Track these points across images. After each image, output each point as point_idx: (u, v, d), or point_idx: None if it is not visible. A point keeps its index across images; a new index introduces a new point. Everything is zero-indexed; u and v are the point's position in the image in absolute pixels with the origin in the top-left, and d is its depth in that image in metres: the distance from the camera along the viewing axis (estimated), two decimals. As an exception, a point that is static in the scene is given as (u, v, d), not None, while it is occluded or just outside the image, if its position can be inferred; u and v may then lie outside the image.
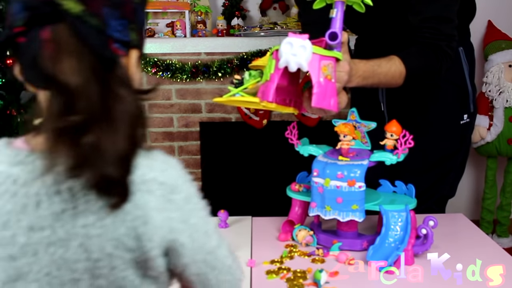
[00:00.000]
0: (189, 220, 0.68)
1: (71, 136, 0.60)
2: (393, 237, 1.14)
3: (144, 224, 0.64)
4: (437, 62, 1.29)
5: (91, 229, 0.64)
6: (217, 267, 0.72)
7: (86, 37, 0.61)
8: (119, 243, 0.64)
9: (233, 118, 2.68)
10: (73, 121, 0.59)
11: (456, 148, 1.57)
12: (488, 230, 2.69)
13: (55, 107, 0.60)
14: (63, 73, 0.59)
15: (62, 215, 0.63)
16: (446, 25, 1.30)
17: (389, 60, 1.26)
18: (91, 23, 0.61)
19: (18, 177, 0.64)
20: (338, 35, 1.04)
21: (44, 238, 0.64)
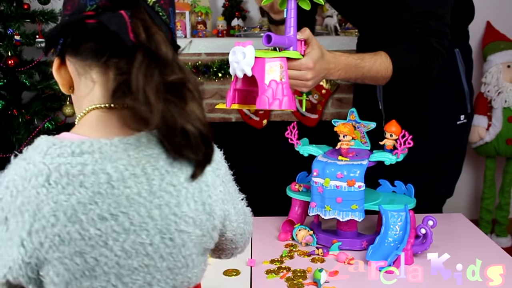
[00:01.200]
0: (229, 190, 0.75)
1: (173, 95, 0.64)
2: (392, 236, 1.15)
3: (209, 197, 0.69)
4: (426, 58, 1.30)
5: (165, 208, 0.65)
6: (248, 221, 0.82)
7: (158, 23, 0.67)
8: (190, 219, 0.67)
9: (233, 118, 2.69)
10: (176, 78, 0.64)
11: (452, 148, 1.58)
12: (487, 229, 2.70)
13: (153, 71, 0.63)
14: (158, 45, 0.64)
15: (136, 198, 0.63)
16: (436, 21, 1.31)
17: (374, 54, 1.27)
18: (161, 13, 0.68)
19: (84, 167, 0.62)
20: (272, 37, 1.06)
21: (115, 225, 0.62)
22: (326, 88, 2.61)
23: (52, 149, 0.63)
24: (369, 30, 1.60)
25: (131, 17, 0.63)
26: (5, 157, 2.30)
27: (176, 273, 0.68)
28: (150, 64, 0.63)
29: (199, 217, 0.68)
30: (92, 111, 0.68)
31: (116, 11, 0.63)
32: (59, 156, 0.62)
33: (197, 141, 0.64)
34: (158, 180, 0.65)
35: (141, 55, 0.63)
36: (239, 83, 1.14)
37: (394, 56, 1.27)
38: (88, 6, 0.65)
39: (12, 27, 2.29)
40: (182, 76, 0.65)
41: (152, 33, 0.64)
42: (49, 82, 2.32)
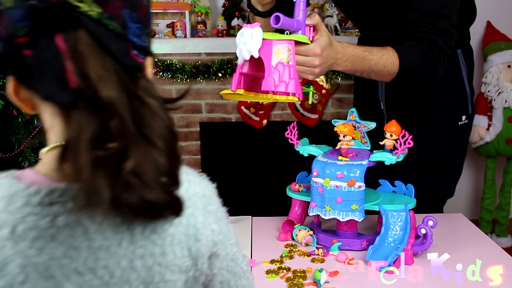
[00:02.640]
0: (223, 229, 0.67)
1: (111, 164, 0.52)
2: (392, 236, 1.15)
3: (197, 241, 0.62)
4: (433, 57, 1.29)
5: (149, 259, 0.59)
6: (238, 272, 0.71)
7: (108, 43, 0.53)
8: (176, 266, 0.61)
9: (233, 118, 2.69)
10: (112, 148, 0.52)
11: (454, 148, 1.57)
12: (487, 229, 2.70)
13: (89, 132, 0.51)
14: (97, 88, 0.51)
15: (117, 250, 0.57)
16: (443, 21, 1.30)
17: (382, 48, 1.26)
18: (111, 26, 0.53)
19: (55, 218, 0.55)
20: (281, 18, 1.03)
21: (95, 279, 0.56)
22: (326, 88, 2.61)
23: (17, 197, 0.55)
24: (370, 30, 1.60)
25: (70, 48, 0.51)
26: (5, 157, 2.30)
27: None
28: (88, 118, 0.51)
29: (185, 264, 0.61)
30: (55, 149, 0.57)
31: (52, 37, 0.52)
32: (26, 204, 0.55)
33: (142, 211, 0.54)
34: (140, 229, 0.58)
35: (81, 106, 0.52)
36: (245, 67, 1.10)
37: (401, 52, 1.26)
38: (19, 30, 0.52)
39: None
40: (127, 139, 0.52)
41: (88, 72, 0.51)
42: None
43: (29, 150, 2.27)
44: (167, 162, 0.56)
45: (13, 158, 2.30)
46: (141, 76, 0.57)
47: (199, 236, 0.62)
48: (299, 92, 1.06)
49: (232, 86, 1.11)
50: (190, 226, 0.62)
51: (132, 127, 0.53)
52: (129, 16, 0.55)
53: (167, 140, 0.56)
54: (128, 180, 0.52)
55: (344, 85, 2.60)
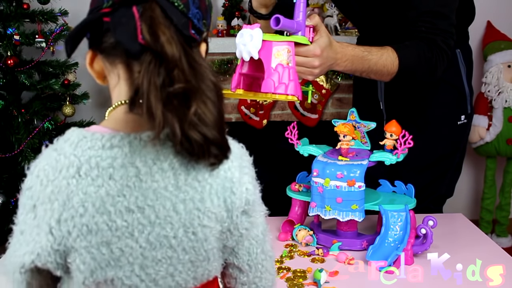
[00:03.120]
0: (256, 194, 0.73)
1: (178, 104, 0.61)
2: (392, 237, 1.14)
3: (232, 194, 0.68)
4: (432, 56, 1.29)
5: (190, 203, 0.66)
6: (265, 251, 0.75)
7: (171, 15, 0.63)
8: (213, 214, 0.67)
9: (233, 118, 2.69)
10: (179, 88, 0.61)
11: (453, 148, 1.58)
12: (487, 230, 2.70)
13: (157, 77, 0.61)
14: (163, 45, 0.61)
15: (162, 192, 0.65)
16: (442, 21, 1.30)
17: (381, 48, 1.26)
18: (176, 4, 0.65)
19: (114, 160, 0.64)
20: (281, 20, 1.03)
21: (141, 218, 0.64)
22: (326, 88, 2.61)
23: (83, 141, 0.65)
24: (370, 30, 1.60)
25: (142, 14, 0.62)
26: (5, 157, 2.30)
27: (197, 265, 0.69)
28: (155, 67, 0.61)
29: (220, 213, 0.68)
30: (120, 106, 0.68)
31: (129, 7, 0.63)
32: (90, 148, 0.64)
33: (201, 148, 0.63)
34: (184, 175, 0.66)
35: (147, 58, 0.62)
36: (245, 68, 1.11)
37: (400, 52, 1.26)
38: (105, 3, 0.65)
39: (12, 26, 2.29)
40: (189, 83, 0.62)
41: (158, 34, 0.62)
42: (48, 82, 2.32)
43: (29, 150, 2.27)
44: (216, 112, 0.64)
45: (13, 158, 2.31)
46: (197, 49, 0.68)
47: (235, 190, 0.69)
48: (298, 93, 1.06)
49: (232, 87, 1.12)
50: (227, 179, 0.69)
51: (191, 78, 0.62)
52: (192, 0, 0.67)
53: (217, 94, 0.65)
54: (192, 120, 0.61)
55: (344, 85, 2.60)
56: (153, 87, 0.60)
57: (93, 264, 0.64)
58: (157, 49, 0.61)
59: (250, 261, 0.74)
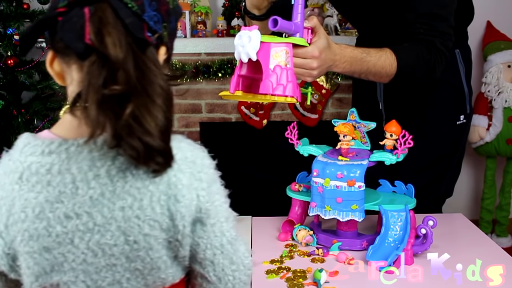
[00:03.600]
0: (214, 201, 0.70)
1: (113, 106, 0.60)
2: (392, 236, 1.15)
3: (176, 202, 0.66)
4: (430, 58, 1.29)
5: (129, 211, 0.65)
6: (236, 262, 0.73)
7: (123, 16, 0.63)
8: (156, 222, 0.65)
9: (233, 118, 2.69)
10: (116, 90, 0.60)
11: (452, 148, 1.58)
12: (487, 230, 2.70)
13: (98, 78, 0.61)
14: (107, 46, 0.61)
15: (100, 199, 0.64)
16: (441, 22, 1.30)
17: (380, 50, 1.26)
18: (130, 5, 0.64)
19: (52, 166, 0.64)
20: (279, 21, 1.04)
21: (80, 225, 0.64)
22: (326, 88, 2.61)
23: (27, 147, 0.66)
24: (368, 31, 1.60)
25: (92, 14, 0.62)
26: (5, 157, 2.30)
27: (146, 273, 0.68)
28: (97, 68, 0.61)
29: (165, 222, 0.66)
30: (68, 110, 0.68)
31: (82, 7, 0.63)
32: (31, 154, 0.66)
33: (143, 155, 0.61)
34: (122, 182, 0.64)
35: (92, 59, 0.62)
36: (243, 69, 1.11)
37: (398, 54, 1.26)
38: (60, 2, 0.64)
39: (12, 26, 2.29)
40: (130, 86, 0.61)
41: (104, 34, 0.61)
42: (48, 82, 2.33)
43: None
44: (163, 118, 0.63)
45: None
46: (151, 51, 0.66)
47: (180, 198, 0.66)
48: (297, 94, 1.07)
49: (231, 88, 1.12)
50: (172, 185, 0.66)
51: (135, 80, 0.61)
52: (148, 2, 0.65)
53: (165, 100, 0.64)
54: (129, 123, 0.60)
55: (344, 85, 2.60)
56: (92, 87, 0.60)
57: (37, 269, 0.65)
58: (101, 50, 0.61)
59: (217, 272, 0.72)
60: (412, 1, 1.31)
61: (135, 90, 0.61)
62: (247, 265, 0.74)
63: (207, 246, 0.71)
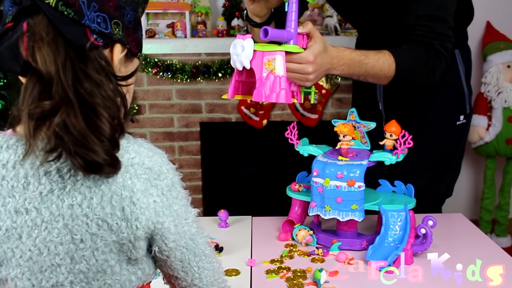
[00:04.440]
0: (172, 206, 0.71)
1: (42, 119, 0.63)
2: (392, 236, 1.15)
3: (132, 204, 0.67)
4: (429, 59, 1.30)
5: (78, 209, 0.65)
6: (198, 253, 0.75)
7: (60, 27, 0.63)
8: (104, 223, 0.66)
9: (233, 118, 2.69)
10: (44, 105, 0.62)
11: (452, 148, 1.58)
12: (487, 229, 2.70)
13: (31, 93, 0.63)
14: (38, 62, 0.62)
15: (49, 196, 0.65)
16: (440, 24, 1.31)
17: (378, 52, 1.27)
18: (66, 12, 0.64)
19: (7, 161, 0.66)
20: (269, 31, 1.06)
21: (29, 220, 0.66)
22: (326, 88, 2.61)
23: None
24: (368, 31, 1.60)
25: (28, 29, 0.63)
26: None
27: (90, 277, 0.68)
28: (31, 84, 0.63)
29: (115, 222, 0.66)
30: None
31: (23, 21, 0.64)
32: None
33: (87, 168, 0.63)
34: (72, 180, 0.65)
35: (28, 75, 0.63)
36: (241, 76, 1.15)
37: (397, 56, 1.27)
38: (8, 16, 0.65)
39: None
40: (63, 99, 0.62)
41: (34, 49, 0.62)
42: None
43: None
44: (108, 129, 0.64)
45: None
46: (95, 57, 0.66)
47: (135, 200, 0.67)
48: (289, 101, 1.10)
49: (229, 94, 1.15)
50: (126, 188, 0.67)
51: (72, 93, 0.62)
52: (86, 5, 0.65)
53: (111, 110, 0.65)
54: (58, 133, 0.62)
55: (344, 85, 2.60)
56: (26, 104, 0.63)
57: None
58: (33, 66, 0.62)
59: (184, 267, 0.75)
60: (410, 3, 1.31)
61: (68, 102, 0.62)
62: (208, 254, 0.77)
63: (176, 247, 0.73)
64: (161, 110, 2.67)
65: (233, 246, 1.25)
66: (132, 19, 0.71)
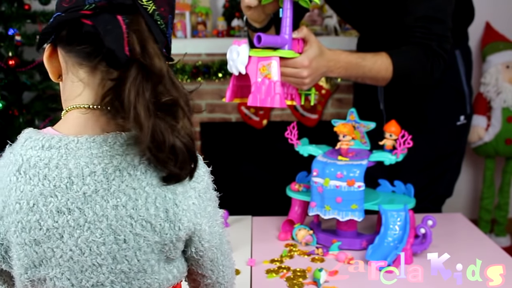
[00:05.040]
0: (207, 208, 0.73)
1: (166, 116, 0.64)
2: (392, 236, 1.15)
3: (175, 205, 0.68)
4: (427, 61, 1.30)
5: (122, 209, 0.65)
6: (224, 252, 0.78)
7: (155, 33, 0.65)
8: (148, 223, 0.66)
9: (233, 118, 2.69)
10: (168, 100, 0.64)
11: (452, 148, 1.58)
12: (486, 229, 2.70)
13: (143, 89, 0.62)
14: (152, 58, 0.63)
15: (93, 196, 0.65)
16: (438, 25, 1.31)
17: (375, 54, 1.28)
18: (159, 22, 0.67)
19: (50, 161, 0.65)
20: (262, 38, 1.08)
21: (72, 220, 0.65)
22: (326, 88, 2.61)
23: (28, 141, 0.67)
24: (368, 32, 1.61)
25: (128, 25, 0.63)
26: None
27: (131, 277, 0.68)
28: (143, 80, 0.63)
29: (159, 223, 0.67)
30: (74, 110, 0.70)
31: (114, 15, 0.63)
32: (32, 148, 0.66)
33: (184, 156, 0.65)
34: (117, 181, 0.65)
35: (135, 70, 0.63)
36: (239, 79, 1.17)
37: (395, 58, 1.27)
38: (86, 5, 0.64)
39: (13, 27, 2.29)
40: (175, 95, 0.64)
41: (147, 47, 0.63)
42: (49, 83, 2.33)
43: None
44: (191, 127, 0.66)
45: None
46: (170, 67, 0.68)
47: (178, 202, 0.68)
48: (284, 105, 1.12)
49: (227, 98, 1.18)
50: (169, 190, 0.67)
51: (174, 92, 0.65)
52: (170, 21, 0.69)
53: (190, 109, 0.67)
54: (178, 131, 0.64)
55: (344, 85, 2.60)
56: (142, 98, 0.62)
57: (26, 261, 0.66)
58: (145, 62, 0.62)
59: (212, 266, 0.77)
60: (408, 5, 1.32)
61: (177, 101, 0.65)
62: (229, 253, 0.80)
63: (207, 249, 0.74)
64: (161, 110, 2.67)
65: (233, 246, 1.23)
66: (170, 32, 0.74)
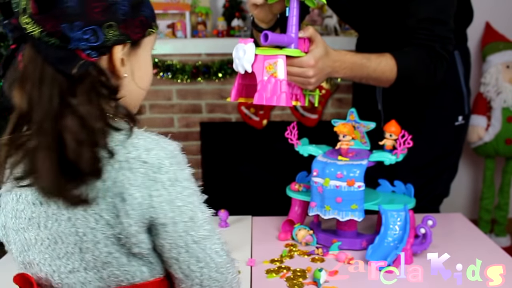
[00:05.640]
0: (174, 202, 0.69)
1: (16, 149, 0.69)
2: (392, 236, 1.15)
3: (122, 201, 0.67)
4: (431, 62, 1.30)
5: None
6: (203, 260, 0.72)
7: (47, 56, 0.65)
8: (100, 217, 0.68)
9: (233, 118, 2.69)
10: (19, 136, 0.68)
11: (450, 149, 1.58)
12: (486, 229, 2.70)
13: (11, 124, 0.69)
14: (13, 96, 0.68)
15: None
16: (441, 27, 1.31)
17: (380, 55, 1.28)
18: (50, 42, 0.65)
19: None
20: (269, 36, 1.07)
21: (42, 212, 0.70)
22: (326, 88, 2.61)
23: None
24: (368, 33, 1.60)
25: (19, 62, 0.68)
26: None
27: (99, 266, 0.71)
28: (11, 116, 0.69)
29: (111, 218, 0.67)
30: None
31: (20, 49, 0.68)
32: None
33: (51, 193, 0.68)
34: None
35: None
36: (244, 78, 1.16)
37: (399, 59, 1.27)
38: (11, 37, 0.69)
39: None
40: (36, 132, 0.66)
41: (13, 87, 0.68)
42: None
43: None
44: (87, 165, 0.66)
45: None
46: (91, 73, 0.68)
47: (126, 196, 0.67)
48: (289, 104, 1.11)
49: (232, 97, 1.17)
50: (118, 183, 0.67)
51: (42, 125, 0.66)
52: (68, 28, 0.65)
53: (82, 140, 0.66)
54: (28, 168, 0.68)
55: (344, 85, 2.60)
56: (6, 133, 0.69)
57: (19, 245, 0.73)
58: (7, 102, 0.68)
59: (183, 269, 0.72)
60: (411, 6, 1.32)
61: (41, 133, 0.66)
62: (219, 263, 0.74)
63: (172, 246, 0.71)
64: (161, 110, 2.67)
65: (233, 246, 1.24)
66: (128, 7, 0.70)
